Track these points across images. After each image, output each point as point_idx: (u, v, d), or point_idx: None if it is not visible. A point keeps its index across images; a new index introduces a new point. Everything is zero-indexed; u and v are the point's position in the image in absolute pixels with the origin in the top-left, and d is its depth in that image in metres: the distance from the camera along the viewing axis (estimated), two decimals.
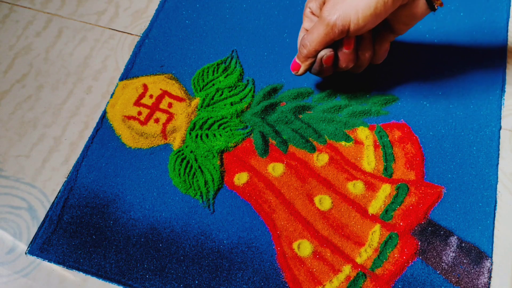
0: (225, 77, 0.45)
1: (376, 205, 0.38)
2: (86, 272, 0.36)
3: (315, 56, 0.38)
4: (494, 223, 0.37)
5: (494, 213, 0.37)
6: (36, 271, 0.37)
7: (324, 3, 0.37)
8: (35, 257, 0.37)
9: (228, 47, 0.47)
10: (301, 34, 0.40)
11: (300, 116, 0.42)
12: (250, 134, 0.41)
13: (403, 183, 0.39)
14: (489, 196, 0.38)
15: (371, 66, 0.43)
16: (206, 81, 0.44)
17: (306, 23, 0.40)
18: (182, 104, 0.43)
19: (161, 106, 0.43)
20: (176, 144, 0.41)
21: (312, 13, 0.39)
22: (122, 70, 0.46)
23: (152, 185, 0.40)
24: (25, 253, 0.37)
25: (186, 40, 0.47)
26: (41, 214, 0.39)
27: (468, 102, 0.42)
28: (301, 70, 0.40)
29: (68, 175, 0.40)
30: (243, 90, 0.44)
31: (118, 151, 0.41)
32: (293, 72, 0.40)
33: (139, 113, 0.43)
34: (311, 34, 0.37)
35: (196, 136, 0.41)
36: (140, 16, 0.49)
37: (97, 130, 0.42)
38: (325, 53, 0.38)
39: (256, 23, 0.48)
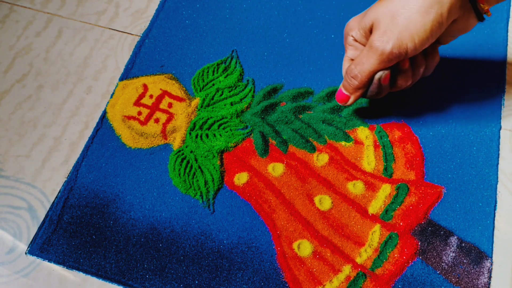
0: (225, 77, 0.45)
1: (376, 205, 0.38)
2: (86, 272, 0.36)
3: (366, 85, 0.36)
4: (494, 223, 0.37)
5: (494, 213, 0.37)
6: (36, 271, 0.37)
7: (370, 30, 0.34)
8: (35, 257, 0.37)
9: (228, 47, 0.47)
10: (346, 63, 0.38)
11: (300, 116, 0.42)
12: (250, 134, 0.41)
13: (403, 183, 0.39)
14: (489, 196, 0.38)
15: None
16: (206, 81, 0.44)
17: (351, 52, 0.37)
18: (182, 104, 0.43)
19: (161, 106, 0.43)
20: (176, 144, 0.41)
21: (356, 41, 0.36)
22: (122, 70, 0.46)
23: (152, 185, 0.40)
24: (25, 253, 0.37)
25: (186, 40, 0.47)
26: (41, 214, 0.39)
27: (468, 102, 0.42)
28: (351, 101, 0.37)
29: (68, 175, 0.40)
30: (243, 90, 0.44)
31: (118, 151, 0.41)
32: (340, 104, 0.38)
33: (139, 113, 0.43)
34: (361, 64, 0.34)
35: (196, 136, 0.41)
36: (140, 16, 0.49)
37: (97, 130, 0.42)
38: (382, 73, 0.35)
39: (256, 23, 0.48)
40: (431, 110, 0.42)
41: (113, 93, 0.44)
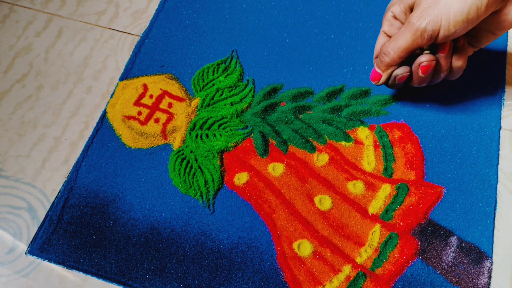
0: (225, 77, 0.45)
1: (376, 205, 0.38)
2: (86, 272, 0.36)
3: (398, 64, 0.37)
4: (494, 223, 0.37)
5: (494, 213, 0.37)
6: (36, 271, 0.37)
7: (410, 8, 0.35)
8: (35, 257, 0.37)
9: (228, 47, 0.47)
10: (381, 38, 0.39)
11: (300, 116, 0.42)
12: (250, 134, 0.41)
13: (403, 183, 0.39)
14: (489, 196, 0.38)
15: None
16: (206, 81, 0.44)
17: (386, 27, 0.38)
18: (182, 104, 0.43)
19: (161, 106, 0.43)
20: (176, 144, 0.41)
21: (395, 18, 0.37)
22: (122, 70, 0.46)
23: (152, 185, 0.40)
24: (25, 253, 0.37)
25: (186, 40, 0.47)
26: (41, 214, 0.39)
27: (468, 102, 0.42)
28: (382, 79, 0.38)
29: (68, 175, 0.40)
30: (243, 90, 0.44)
31: (118, 151, 0.41)
32: (373, 83, 0.39)
33: (139, 113, 0.43)
34: (395, 41, 0.35)
35: (196, 136, 0.41)
36: (140, 16, 0.49)
37: (97, 130, 0.42)
38: (400, 72, 0.37)
39: (256, 23, 0.48)
40: (431, 110, 0.42)
41: (113, 93, 0.44)
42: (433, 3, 0.33)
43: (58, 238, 0.37)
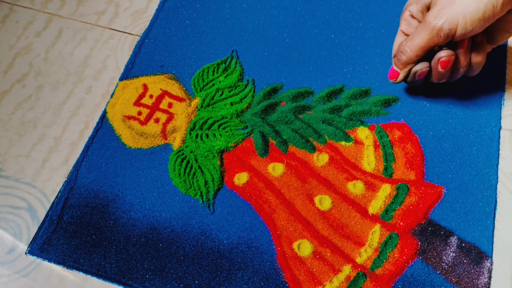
0: (225, 77, 0.45)
1: (376, 205, 0.38)
2: (86, 272, 0.36)
3: (415, 62, 0.37)
4: (494, 223, 0.37)
5: (494, 213, 0.37)
6: (36, 271, 0.37)
7: (427, 7, 0.36)
8: (35, 257, 0.37)
9: (228, 47, 0.47)
10: (398, 37, 0.39)
11: (300, 116, 0.42)
12: (250, 134, 0.41)
13: (403, 183, 0.39)
14: (489, 196, 0.38)
15: (374, 67, 0.43)
16: (206, 81, 0.44)
17: (404, 26, 0.39)
18: (182, 104, 0.43)
19: (161, 106, 0.43)
20: (176, 144, 0.41)
21: (412, 17, 0.38)
22: (122, 70, 0.46)
23: (152, 185, 0.40)
24: (25, 253, 0.37)
25: (186, 40, 0.47)
26: (41, 214, 0.39)
27: (468, 102, 0.42)
28: (400, 77, 0.39)
29: (68, 175, 0.40)
30: (243, 90, 0.44)
31: (118, 151, 0.41)
32: (391, 81, 0.40)
33: (139, 113, 0.43)
34: (412, 40, 0.36)
35: (196, 136, 0.41)
36: (140, 16, 0.49)
37: (97, 130, 0.42)
38: (420, 68, 0.38)
39: (256, 23, 0.48)
40: (431, 110, 0.42)
41: (113, 93, 0.44)
42: (449, 3, 0.33)
43: (58, 238, 0.37)
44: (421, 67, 0.38)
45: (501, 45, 0.45)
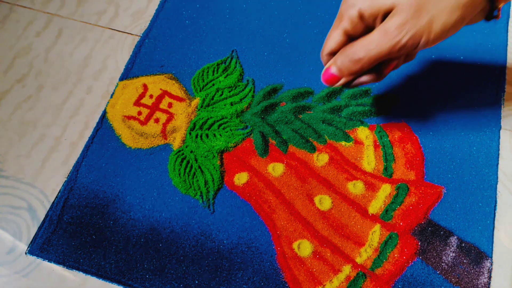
0: (225, 77, 0.45)
1: (376, 205, 0.38)
2: (86, 272, 0.36)
3: (365, 71, 0.34)
4: (494, 223, 0.37)
5: (494, 213, 0.37)
6: (36, 271, 0.37)
7: (385, 12, 0.31)
8: (35, 257, 0.37)
9: (228, 47, 0.47)
10: (337, 36, 0.33)
11: (300, 116, 0.42)
12: (250, 134, 0.41)
13: (403, 183, 0.39)
14: (489, 196, 0.38)
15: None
16: (206, 81, 0.44)
17: (349, 26, 0.32)
18: (182, 104, 0.43)
19: (161, 106, 0.43)
20: (176, 144, 0.41)
21: (361, 18, 0.32)
22: (122, 70, 0.46)
23: (152, 185, 0.40)
24: (25, 253, 0.37)
25: (186, 40, 0.47)
26: (41, 214, 0.39)
27: (468, 102, 0.42)
28: (340, 83, 0.34)
29: (68, 175, 0.40)
30: (243, 90, 0.44)
31: (118, 151, 0.41)
32: (326, 85, 0.35)
33: (139, 113, 0.43)
34: (368, 50, 0.31)
35: (196, 136, 0.41)
36: (140, 16, 0.49)
37: (97, 130, 0.42)
38: (367, 79, 0.34)
39: (256, 23, 0.48)
40: (431, 110, 0.42)
41: (113, 93, 0.44)
42: (415, 16, 0.30)
43: (58, 238, 0.37)
44: (369, 79, 0.34)
45: (502, 45, 0.45)
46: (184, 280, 0.36)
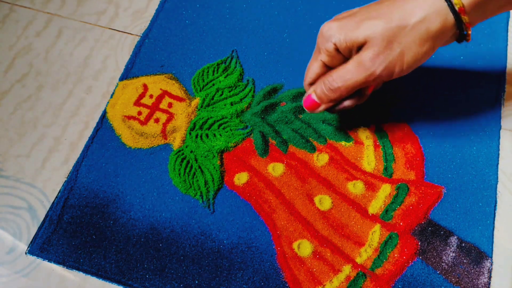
0: (225, 77, 0.45)
1: (376, 205, 0.38)
2: (86, 272, 0.36)
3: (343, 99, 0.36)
4: (494, 223, 0.37)
5: (494, 213, 0.37)
6: (36, 271, 0.37)
7: (358, 46, 0.33)
8: (35, 257, 0.37)
9: (228, 47, 0.47)
10: (316, 68, 0.36)
11: (300, 116, 0.42)
12: (250, 134, 0.41)
13: (403, 183, 0.39)
14: (489, 196, 0.38)
15: None
16: (206, 81, 0.44)
17: (326, 58, 0.35)
18: (182, 104, 0.43)
19: (161, 106, 0.43)
20: (176, 144, 0.41)
21: (337, 50, 0.34)
22: (122, 70, 0.46)
23: (152, 185, 0.40)
24: (25, 253, 0.37)
25: (186, 40, 0.47)
26: (41, 214, 0.39)
27: (468, 102, 0.42)
28: (320, 109, 0.37)
29: (68, 175, 0.40)
30: (243, 90, 0.44)
31: (118, 151, 0.41)
32: (309, 111, 0.37)
33: (139, 113, 0.43)
34: (345, 80, 0.33)
35: (196, 136, 0.41)
36: (140, 16, 0.49)
37: (97, 130, 0.42)
38: (349, 104, 0.36)
39: (256, 23, 0.48)
40: (431, 110, 0.42)
41: (113, 93, 0.44)
42: (387, 49, 0.32)
43: (58, 238, 0.37)
44: (352, 103, 0.36)
45: (501, 44, 0.45)
46: (184, 279, 0.36)
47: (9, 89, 0.45)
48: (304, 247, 0.37)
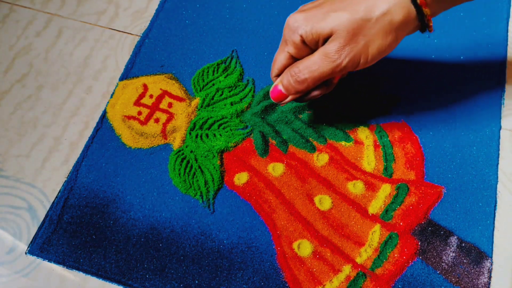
0: (225, 77, 0.45)
1: (376, 205, 0.38)
2: (86, 272, 0.36)
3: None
4: (494, 223, 0.37)
5: (494, 213, 0.37)
6: (36, 271, 0.37)
7: (324, 38, 0.33)
8: (35, 257, 0.37)
9: (228, 47, 0.47)
10: (283, 59, 0.36)
11: (300, 116, 0.42)
12: (250, 134, 0.41)
13: (403, 183, 0.39)
14: (489, 196, 0.38)
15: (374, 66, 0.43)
16: (206, 81, 0.44)
17: (293, 50, 0.35)
18: (182, 104, 0.43)
19: (161, 106, 0.43)
20: (176, 144, 0.41)
21: (304, 43, 0.34)
22: (122, 70, 0.46)
23: (152, 185, 0.40)
24: (25, 253, 0.37)
25: (186, 40, 0.47)
26: (41, 214, 0.39)
27: (468, 102, 0.42)
28: (287, 100, 0.37)
29: (68, 175, 0.40)
30: (243, 90, 0.44)
31: (118, 151, 0.41)
32: (276, 101, 0.37)
33: (139, 113, 0.43)
34: (312, 72, 0.34)
35: (196, 136, 0.41)
36: (140, 16, 0.49)
37: (97, 130, 0.42)
38: (318, 93, 0.36)
39: (256, 23, 0.48)
40: (431, 110, 0.42)
41: (113, 93, 0.44)
42: (352, 41, 0.32)
43: (58, 238, 0.37)
44: (320, 92, 0.36)
45: (501, 44, 0.45)
46: (184, 279, 0.36)
47: (9, 89, 0.45)
48: (304, 247, 0.37)
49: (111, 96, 0.44)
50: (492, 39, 0.45)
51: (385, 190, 0.38)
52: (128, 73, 0.45)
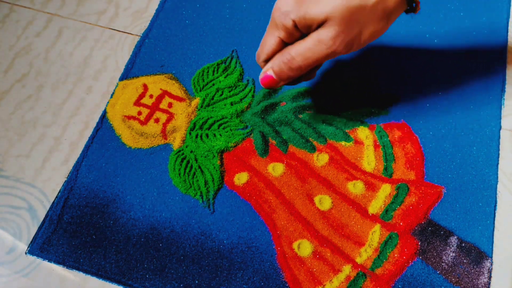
0: (225, 77, 0.45)
1: (376, 205, 0.38)
2: (86, 272, 0.36)
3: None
4: (494, 223, 0.37)
5: (494, 213, 0.37)
6: (36, 271, 0.37)
7: (318, 24, 0.32)
8: (35, 257, 0.37)
9: (228, 47, 0.47)
10: (274, 44, 0.35)
11: (300, 116, 0.42)
12: (250, 134, 0.41)
13: (403, 183, 0.39)
14: (489, 196, 0.38)
15: (373, 66, 0.43)
16: (206, 81, 0.44)
17: (285, 35, 0.34)
18: (182, 104, 0.43)
19: (161, 106, 0.43)
20: (176, 144, 0.41)
21: (296, 27, 0.33)
22: (122, 70, 0.46)
23: (152, 185, 0.40)
24: (25, 253, 0.37)
25: (186, 40, 0.47)
26: (41, 214, 0.39)
27: (468, 102, 0.42)
28: (280, 85, 0.37)
29: (68, 175, 0.40)
30: (243, 90, 0.44)
31: (118, 151, 0.41)
32: (265, 87, 0.37)
33: (139, 113, 0.43)
34: (306, 58, 0.34)
35: (196, 136, 0.41)
36: (140, 16, 0.49)
37: (97, 130, 0.42)
38: (310, 75, 0.37)
39: (256, 23, 0.48)
40: (431, 110, 0.42)
41: (113, 93, 0.44)
42: (347, 28, 0.32)
43: (58, 238, 0.37)
44: (310, 76, 0.37)
45: (501, 44, 0.45)
46: (184, 279, 0.36)
47: (9, 89, 0.45)
48: (304, 247, 0.37)
49: (111, 96, 0.44)
50: (492, 39, 0.45)
51: (385, 190, 0.38)
52: (128, 73, 0.45)
